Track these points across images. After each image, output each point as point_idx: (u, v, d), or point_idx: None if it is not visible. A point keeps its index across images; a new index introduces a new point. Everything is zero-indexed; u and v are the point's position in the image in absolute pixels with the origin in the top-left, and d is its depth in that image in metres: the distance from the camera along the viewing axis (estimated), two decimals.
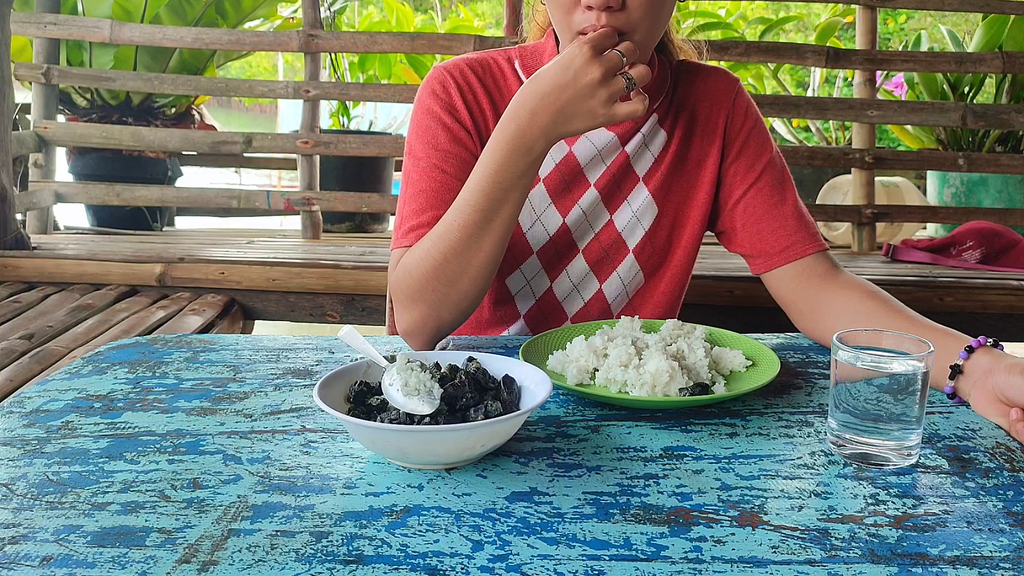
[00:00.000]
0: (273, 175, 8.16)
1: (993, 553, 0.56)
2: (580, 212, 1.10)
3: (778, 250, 1.07)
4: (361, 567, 0.53)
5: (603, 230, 1.12)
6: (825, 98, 3.29)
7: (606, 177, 1.10)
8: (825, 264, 1.06)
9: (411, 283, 0.95)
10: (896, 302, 0.98)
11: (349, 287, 2.52)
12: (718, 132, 1.12)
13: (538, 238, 1.11)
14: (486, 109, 1.08)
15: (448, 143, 1.05)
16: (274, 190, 3.43)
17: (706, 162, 1.12)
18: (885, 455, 0.69)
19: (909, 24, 9.16)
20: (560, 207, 1.10)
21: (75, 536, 0.56)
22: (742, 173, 1.10)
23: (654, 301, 1.15)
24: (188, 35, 3.13)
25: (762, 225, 1.08)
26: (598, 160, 1.10)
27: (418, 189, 1.04)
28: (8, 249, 2.61)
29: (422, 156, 1.05)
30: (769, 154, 1.11)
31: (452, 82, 1.07)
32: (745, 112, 1.13)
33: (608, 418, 0.78)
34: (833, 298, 1.02)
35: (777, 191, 1.09)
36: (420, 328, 0.97)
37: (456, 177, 1.03)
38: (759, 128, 1.13)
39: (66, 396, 0.83)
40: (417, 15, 6.39)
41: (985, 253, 2.79)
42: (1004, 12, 3.18)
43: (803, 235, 1.07)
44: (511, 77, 1.11)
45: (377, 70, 4.43)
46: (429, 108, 1.07)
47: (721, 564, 0.54)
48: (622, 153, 1.10)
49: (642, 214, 1.11)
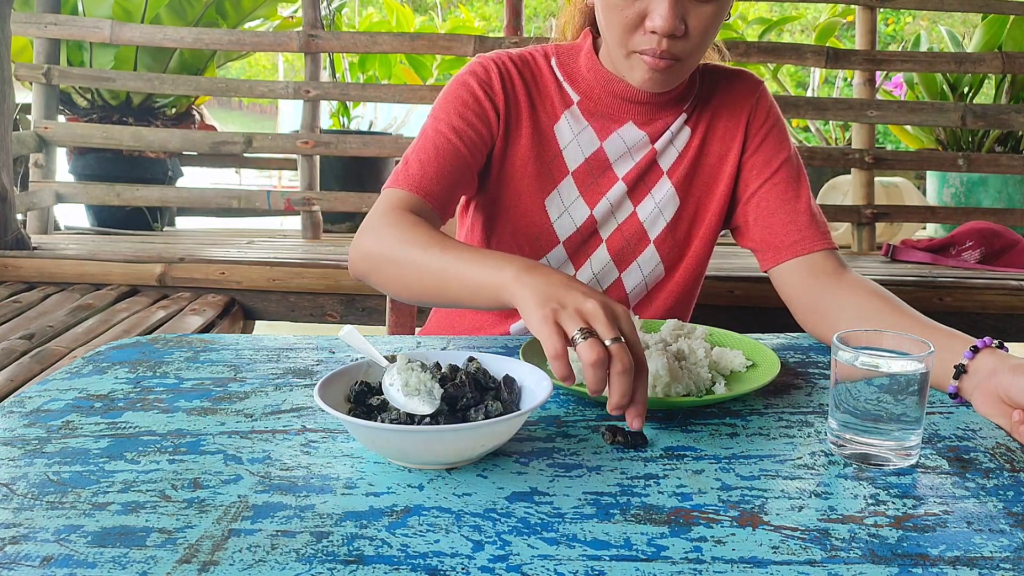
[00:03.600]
0: (273, 175, 8.16)
1: (993, 553, 0.56)
2: (607, 204, 1.13)
3: (787, 244, 1.08)
4: (361, 567, 0.53)
5: (626, 221, 1.14)
6: (825, 98, 3.29)
7: (634, 172, 1.13)
8: (833, 263, 1.06)
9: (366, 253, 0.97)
10: (901, 302, 0.98)
11: (349, 287, 2.52)
12: (740, 129, 1.14)
13: (565, 229, 1.13)
14: (521, 100, 1.12)
15: (473, 116, 1.09)
16: (274, 190, 3.43)
17: (727, 157, 1.15)
18: (885, 455, 0.69)
19: (908, 29, 9.17)
20: (588, 199, 1.13)
21: (75, 536, 0.56)
22: (759, 168, 1.13)
23: (672, 291, 1.17)
24: (188, 35, 3.13)
25: (774, 220, 1.10)
26: (627, 156, 1.13)
27: (429, 143, 1.06)
28: (8, 249, 2.61)
29: (443, 116, 1.08)
30: (787, 153, 1.14)
31: (495, 67, 1.12)
32: (767, 111, 1.15)
33: (608, 418, 0.78)
34: (838, 297, 1.02)
35: (792, 188, 1.11)
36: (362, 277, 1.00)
37: (468, 148, 1.07)
38: (779, 128, 1.16)
39: (66, 396, 0.83)
40: (417, 15, 6.39)
41: (985, 253, 2.79)
42: (1004, 12, 3.18)
43: (813, 232, 1.08)
44: (547, 74, 1.14)
45: (377, 70, 4.43)
46: (465, 82, 1.11)
47: (721, 564, 0.54)
48: (651, 150, 1.13)
49: (664, 206, 1.14)
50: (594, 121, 1.12)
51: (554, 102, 1.13)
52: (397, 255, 0.93)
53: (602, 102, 1.12)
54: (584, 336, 0.68)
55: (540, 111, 1.13)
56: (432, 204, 1.02)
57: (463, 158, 1.06)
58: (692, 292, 1.20)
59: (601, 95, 1.12)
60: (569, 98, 1.13)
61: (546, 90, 1.14)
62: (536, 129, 1.12)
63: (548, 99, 1.13)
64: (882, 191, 3.55)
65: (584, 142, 1.12)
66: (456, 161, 1.05)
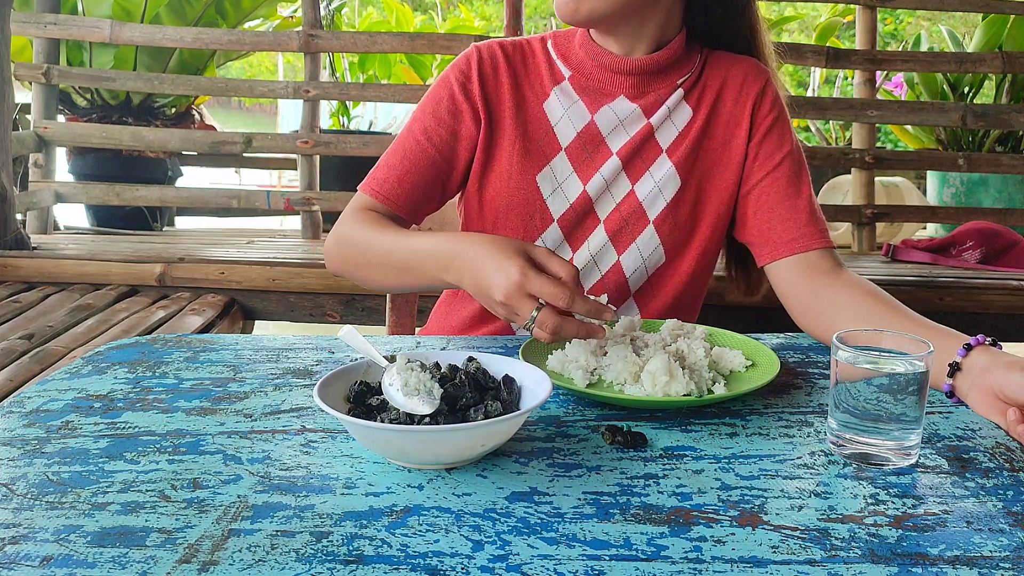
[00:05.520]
0: (273, 175, 8.16)
1: (993, 553, 0.56)
2: (602, 180, 1.12)
3: (785, 241, 1.08)
4: (361, 567, 0.53)
5: (624, 199, 1.13)
6: (825, 98, 3.29)
7: (629, 146, 1.12)
8: (829, 261, 1.06)
9: (339, 246, 1.08)
10: (896, 302, 0.98)
11: (349, 287, 2.52)
12: (745, 116, 1.13)
13: (559, 206, 1.12)
14: (504, 84, 1.13)
15: (446, 114, 1.12)
16: (274, 190, 3.43)
17: (732, 143, 1.14)
18: (885, 455, 0.69)
19: (908, 29, 9.17)
20: (581, 175, 1.12)
21: (75, 536, 0.56)
22: (761, 160, 1.12)
23: (675, 282, 1.15)
24: (188, 35, 3.13)
25: (773, 215, 1.09)
26: (620, 129, 1.12)
27: (400, 146, 1.12)
28: (8, 249, 2.61)
29: (419, 117, 1.13)
30: (790, 146, 1.13)
31: (477, 60, 1.13)
32: (772, 102, 1.15)
33: (608, 418, 0.78)
34: (834, 295, 1.02)
35: (793, 183, 1.11)
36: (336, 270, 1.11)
37: (437, 148, 1.11)
38: (783, 120, 1.15)
39: (66, 396, 0.83)
40: (417, 15, 6.39)
41: (985, 253, 2.79)
42: (1004, 12, 3.18)
43: (811, 229, 1.08)
44: (540, 56, 1.16)
45: (377, 70, 4.43)
46: (446, 77, 1.14)
47: (721, 564, 0.54)
48: (646, 124, 1.12)
49: (664, 184, 1.12)
50: (585, 96, 1.13)
51: (543, 80, 1.14)
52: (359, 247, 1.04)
53: (593, 76, 1.13)
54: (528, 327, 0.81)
55: (527, 91, 1.14)
56: (393, 208, 1.09)
57: (430, 159, 1.11)
58: (699, 286, 1.18)
59: (592, 69, 1.13)
60: (560, 74, 1.14)
61: (536, 70, 1.15)
62: (522, 109, 1.13)
63: (537, 79, 1.15)
64: (882, 191, 3.55)
65: (575, 116, 1.12)
66: (424, 163, 1.10)
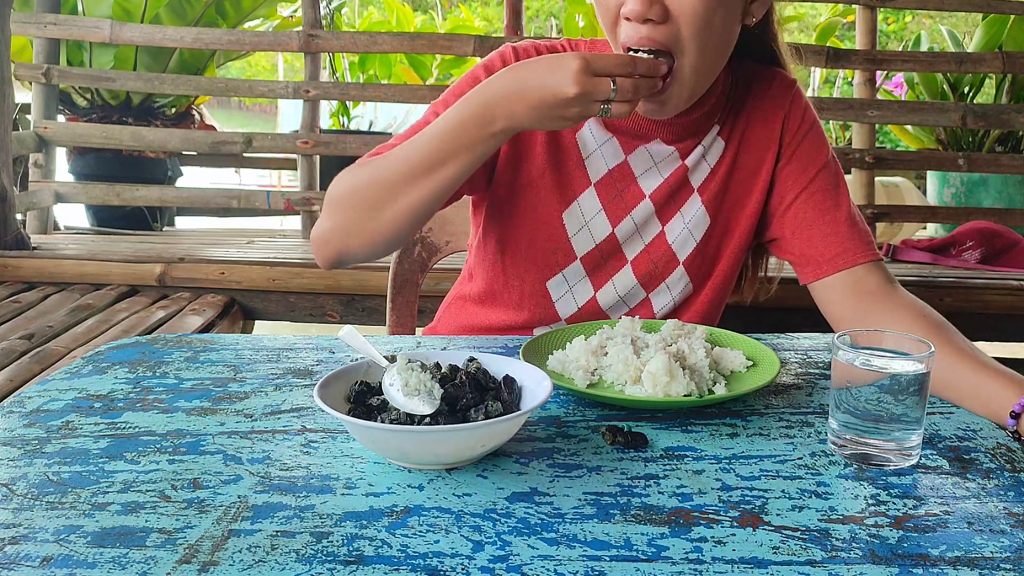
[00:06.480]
0: (273, 175, 8.15)
1: (994, 554, 0.56)
2: (632, 223, 1.07)
3: (828, 258, 1.02)
4: (361, 567, 0.53)
5: (653, 242, 1.08)
6: (825, 98, 3.29)
7: (662, 189, 1.07)
8: (878, 278, 1.00)
9: (341, 189, 0.97)
10: (953, 330, 0.91)
11: (349, 287, 2.52)
12: (774, 136, 1.08)
13: (584, 245, 1.07)
14: None
15: None
16: (274, 190, 3.43)
17: (761, 168, 1.08)
18: (886, 455, 0.69)
19: (910, 28, 9.17)
20: (611, 215, 1.07)
21: (75, 536, 0.56)
22: (795, 176, 1.07)
23: (694, 309, 1.12)
24: (188, 35, 3.13)
25: (813, 231, 1.04)
26: (654, 171, 1.07)
27: (416, 126, 1.05)
28: (8, 249, 2.61)
29: (440, 103, 1.05)
30: (824, 158, 1.07)
31: (512, 58, 1.06)
32: (802, 115, 1.09)
33: (608, 418, 0.78)
34: (884, 318, 0.95)
35: (831, 196, 1.05)
36: (326, 242, 0.99)
37: None
38: (815, 131, 1.09)
39: (66, 396, 0.83)
40: (417, 15, 6.39)
41: (985, 253, 2.79)
42: (1004, 12, 3.18)
43: (855, 243, 1.02)
44: None
45: (377, 70, 4.43)
46: (474, 73, 1.06)
47: (722, 565, 0.54)
48: (681, 166, 1.07)
49: (695, 226, 1.08)
50: (619, 135, 1.07)
51: None
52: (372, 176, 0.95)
53: (627, 119, 1.05)
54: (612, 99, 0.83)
55: None
56: None
57: None
58: (720, 303, 1.14)
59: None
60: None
61: None
62: (554, 136, 1.06)
63: None
64: (882, 191, 3.56)
65: (608, 153, 1.06)
66: None
